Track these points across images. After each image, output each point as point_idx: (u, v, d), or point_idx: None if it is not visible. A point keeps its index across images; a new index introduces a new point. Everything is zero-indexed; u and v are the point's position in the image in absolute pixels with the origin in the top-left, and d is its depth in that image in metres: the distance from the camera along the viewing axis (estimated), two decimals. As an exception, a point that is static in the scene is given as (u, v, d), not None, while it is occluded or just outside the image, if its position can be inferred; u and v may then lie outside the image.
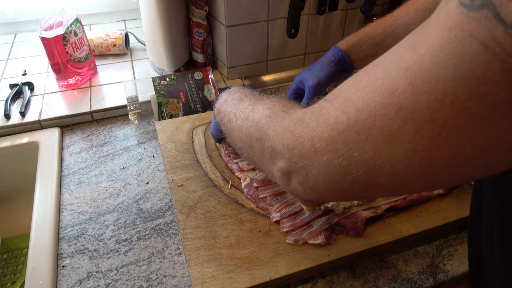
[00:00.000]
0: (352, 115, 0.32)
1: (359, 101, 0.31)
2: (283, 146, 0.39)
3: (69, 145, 0.78)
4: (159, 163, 0.74)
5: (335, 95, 0.35)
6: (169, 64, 0.91)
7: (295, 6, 0.82)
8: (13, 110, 0.82)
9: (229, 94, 0.57)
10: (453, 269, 0.58)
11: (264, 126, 0.43)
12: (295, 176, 0.39)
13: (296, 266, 0.53)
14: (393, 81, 0.29)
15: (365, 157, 0.31)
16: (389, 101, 0.29)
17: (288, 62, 0.96)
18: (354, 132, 0.31)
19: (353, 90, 0.33)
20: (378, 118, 0.30)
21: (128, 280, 0.56)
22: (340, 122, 0.33)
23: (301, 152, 0.36)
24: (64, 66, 0.86)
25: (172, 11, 0.83)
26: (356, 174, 0.33)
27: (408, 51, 0.29)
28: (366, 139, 0.31)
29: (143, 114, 0.83)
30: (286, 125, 0.39)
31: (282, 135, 0.39)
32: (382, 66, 0.31)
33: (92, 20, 1.17)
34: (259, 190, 0.63)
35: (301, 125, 0.37)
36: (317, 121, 0.35)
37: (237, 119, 0.50)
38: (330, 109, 0.34)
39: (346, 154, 0.32)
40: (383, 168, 0.31)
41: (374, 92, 0.30)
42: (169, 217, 0.64)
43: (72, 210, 0.66)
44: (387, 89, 0.29)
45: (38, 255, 0.58)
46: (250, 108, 0.48)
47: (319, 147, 0.34)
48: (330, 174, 0.34)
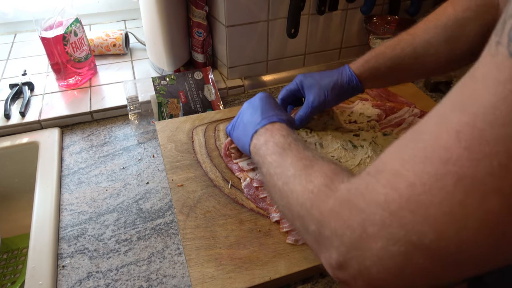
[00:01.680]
0: (403, 191, 0.28)
1: (409, 174, 0.28)
2: (331, 232, 0.34)
3: (69, 145, 0.78)
4: (159, 163, 0.74)
5: (379, 169, 0.31)
6: (169, 64, 0.91)
7: (295, 6, 0.82)
8: (13, 110, 0.82)
9: (270, 134, 0.52)
10: (453, 269, 0.57)
11: (307, 203, 0.38)
12: (346, 269, 0.33)
13: (296, 266, 0.53)
14: (445, 146, 0.26)
15: (425, 241, 0.27)
16: (444, 171, 0.25)
17: (288, 62, 0.96)
18: (408, 212, 0.27)
19: (399, 161, 0.29)
20: (434, 193, 0.26)
21: (128, 280, 0.56)
22: (391, 200, 0.29)
23: (351, 239, 0.32)
24: (64, 66, 0.86)
25: (172, 11, 0.83)
26: (417, 261, 0.28)
27: (456, 112, 0.26)
28: (423, 220, 0.27)
29: (143, 114, 0.83)
30: (332, 206, 0.35)
31: (329, 219, 0.35)
32: (428, 131, 0.28)
33: (92, 20, 1.17)
34: (259, 190, 0.63)
35: (348, 206, 0.33)
36: (365, 200, 0.31)
37: (278, 178, 0.45)
38: (376, 185, 0.30)
39: (403, 239, 0.28)
40: (448, 252, 0.26)
41: (425, 161, 0.27)
42: (169, 217, 0.64)
43: (72, 210, 0.66)
44: (440, 157, 0.26)
45: (38, 255, 0.58)
46: (292, 173, 0.43)
47: (371, 232, 0.30)
48: (386, 265, 0.29)
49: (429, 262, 0.28)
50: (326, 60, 1.00)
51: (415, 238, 0.27)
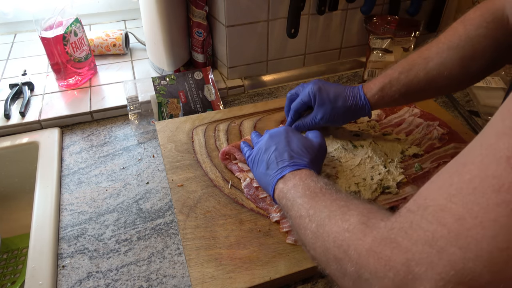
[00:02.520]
0: (452, 226, 0.26)
1: (457, 207, 0.26)
2: (370, 274, 0.31)
3: (69, 145, 0.78)
4: (159, 163, 0.74)
5: (422, 205, 0.29)
6: (169, 64, 0.91)
7: (295, 6, 0.82)
8: (13, 110, 0.82)
9: (300, 179, 0.50)
10: (453, 269, 0.57)
11: (344, 244, 0.36)
12: None
13: (296, 266, 0.53)
14: (494, 174, 0.24)
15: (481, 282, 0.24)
16: (496, 201, 0.24)
17: (288, 62, 0.96)
18: (458, 248, 0.25)
19: (445, 195, 0.27)
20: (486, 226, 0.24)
21: (128, 280, 0.56)
22: (439, 237, 0.27)
23: (394, 281, 0.29)
24: (64, 66, 0.86)
25: (172, 11, 0.83)
26: None
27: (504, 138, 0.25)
28: (476, 257, 0.24)
29: (143, 114, 0.83)
30: (370, 245, 0.32)
31: (367, 259, 0.32)
32: (473, 162, 0.26)
33: (92, 20, 1.17)
34: (259, 190, 0.63)
35: (389, 245, 0.30)
36: (410, 239, 0.29)
37: (310, 221, 0.43)
38: (422, 222, 0.28)
39: (453, 279, 0.25)
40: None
41: (474, 193, 0.25)
42: (169, 217, 0.64)
43: (72, 210, 0.66)
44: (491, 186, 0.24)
45: (38, 255, 0.58)
46: (326, 214, 0.41)
47: (417, 272, 0.27)
48: None
49: None
50: (326, 60, 1.00)
51: (469, 279, 0.25)
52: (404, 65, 0.61)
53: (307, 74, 0.98)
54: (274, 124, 0.77)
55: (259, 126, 0.77)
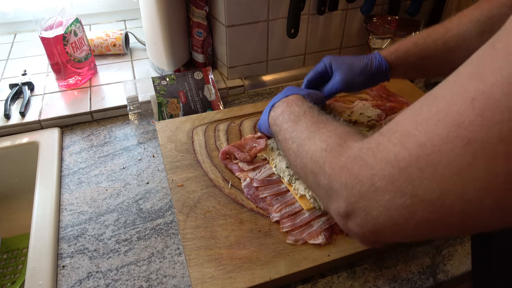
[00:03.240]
0: (413, 150, 0.30)
1: (420, 135, 0.29)
2: (340, 185, 0.37)
3: (69, 145, 0.78)
4: (159, 163, 0.74)
5: (392, 129, 0.33)
6: (169, 64, 0.91)
7: (295, 6, 0.82)
8: (13, 110, 0.82)
9: (287, 105, 0.55)
10: (453, 269, 0.58)
11: (320, 161, 0.41)
12: (353, 218, 0.36)
13: (296, 266, 0.53)
14: (458, 112, 0.27)
15: (431, 197, 0.29)
16: (455, 134, 0.27)
17: (288, 62, 0.96)
18: (417, 169, 0.29)
19: (412, 123, 0.31)
20: (443, 154, 0.27)
21: (128, 280, 0.56)
22: (401, 158, 0.30)
23: (360, 191, 0.34)
24: (64, 66, 0.86)
25: (172, 11, 0.83)
26: (422, 215, 0.30)
27: (473, 81, 0.27)
28: (431, 177, 0.28)
29: (143, 114, 0.83)
30: (343, 162, 0.37)
31: (340, 173, 0.37)
32: (443, 97, 0.29)
33: (92, 20, 1.17)
34: (259, 190, 0.63)
35: (359, 163, 0.35)
36: (375, 158, 0.33)
37: (292, 142, 0.48)
38: (388, 144, 0.32)
39: (409, 193, 0.30)
40: (452, 209, 0.28)
41: (437, 124, 0.28)
42: (169, 217, 0.64)
43: (72, 210, 0.66)
44: (453, 121, 0.27)
45: (38, 255, 0.58)
46: (306, 135, 0.46)
47: (379, 186, 0.32)
48: (392, 216, 0.32)
49: (433, 216, 0.29)
50: (326, 60, 1.00)
51: (422, 193, 0.29)
52: (424, 33, 0.62)
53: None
54: (274, 124, 0.77)
55: (259, 126, 0.77)
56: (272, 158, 0.67)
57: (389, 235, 0.35)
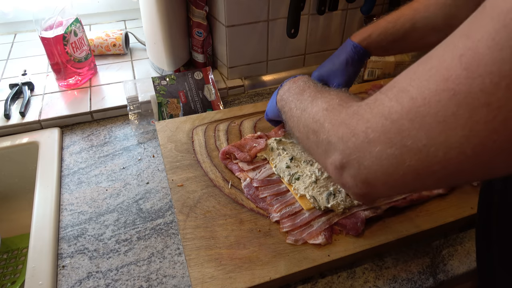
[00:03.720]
0: (406, 104, 0.32)
1: (413, 90, 0.32)
2: (338, 139, 0.39)
3: (69, 145, 0.78)
4: (159, 163, 0.74)
5: (390, 86, 0.35)
6: (169, 64, 0.91)
7: (295, 6, 0.82)
8: (13, 110, 0.82)
9: (293, 82, 0.58)
10: (453, 269, 0.58)
11: (321, 119, 0.44)
12: (347, 169, 0.39)
13: (296, 266, 0.53)
14: (447, 67, 0.29)
15: (418, 145, 0.31)
16: (443, 87, 0.29)
17: (288, 62, 0.96)
18: (407, 120, 0.32)
19: (407, 80, 0.33)
20: (432, 105, 0.30)
21: (128, 280, 0.56)
22: (394, 111, 0.33)
23: (355, 144, 0.37)
24: (64, 66, 0.86)
25: (172, 11, 0.83)
26: (409, 163, 0.32)
27: (462, 38, 0.29)
28: (419, 127, 0.31)
29: (143, 114, 0.83)
30: (342, 118, 0.40)
31: (338, 128, 0.40)
32: (436, 56, 0.31)
33: (92, 20, 1.17)
34: (259, 190, 0.63)
35: (356, 118, 0.37)
36: (372, 112, 0.36)
37: (297, 109, 0.51)
38: (384, 100, 0.35)
39: (399, 143, 0.32)
40: (436, 155, 0.30)
41: (428, 80, 0.30)
42: (169, 217, 0.64)
43: (72, 210, 0.66)
44: (442, 76, 0.29)
45: (38, 255, 0.58)
46: (309, 100, 0.49)
47: (372, 137, 0.35)
48: (383, 165, 0.35)
49: (419, 164, 0.32)
50: (326, 60, 1.00)
51: (410, 143, 0.32)
52: (393, 15, 0.64)
53: (307, 74, 0.98)
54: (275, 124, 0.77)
55: (259, 126, 0.77)
56: (272, 158, 0.67)
57: (380, 185, 0.37)
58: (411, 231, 0.58)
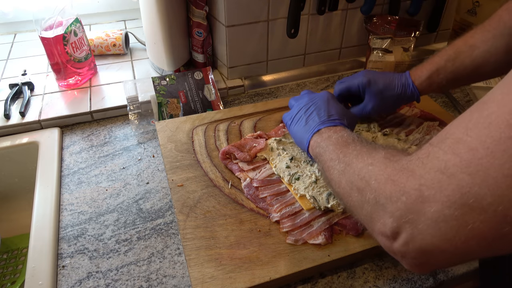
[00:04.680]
0: (464, 156, 0.28)
1: (472, 140, 0.28)
2: (385, 199, 0.35)
3: (69, 145, 0.78)
4: (159, 163, 0.74)
5: (442, 138, 0.32)
6: (169, 64, 0.91)
7: (295, 6, 0.82)
8: (13, 110, 0.82)
9: (334, 131, 0.54)
10: (453, 269, 0.58)
11: (366, 176, 0.39)
12: (398, 236, 0.34)
13: (296, 266, 0.53)
14: (511, 111, 0.26)
15: (482, 204, 0.27)
16: (509, 134, 0.26)
17: (288, 62, 0.96)
18: (467, 175, 0.28)
19: (462, 130, 0.30)
20: (496, 156, 0.26)
21: (128, 280, 0.56)
22: (451, 165, 0.29)
23: (405, 204, 0.32)
24: (64, 66, 0.86)
25: (172, 11, 0.83)
26: (473, 225, 0.28)
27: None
28: (482, 182, 0.27)
29: (143, 114, 0.83)
30: (389, 174, 0.36)
31: (385, 186, 0.35)
32: (493, 100, 0.29)
33: (92, 20, 1.17)
34: (259, 190, 0.63)
35: (406, 174, 0.33)
36: (425, 167, 0.32)
37: (339, 162, 0.46)
38: (438, 153, 0.31)
39: (458, 202, 0.28)
40: (506, 215, 0.27)
41: (489, 127, 0.27)
42: (169, 217, 0.64)
43: (72, 210, 0.66)
44: (505, 121, 0.26)
45: (38, 255, 0.58)
46: (355, 154, 0.44)
47: (427, 196, 0.30)
48: (440, 229, 0.30)
49: (485, 226, 0.28)
50: (326, 60, 1.00)
51: (472, 201, 0.27)
52: (450, 53, 0.62)
53: (307, 74, 0.98)
54: (275, 124, 0.77)
55: (259, 126, 0.77)
56: (272, 158, 0.67)
57: (438, 254, 0.32)
58: (411, 231, 0.58)
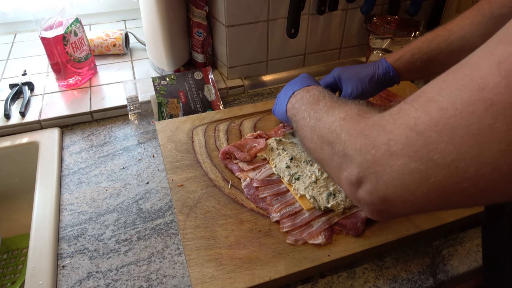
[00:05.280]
0: (434, 114, 0.29)
1: (443, 100, 0.29)
2: (355, 151, 0.36)
3: (69, 145, 0.78)
4: (159, 163, 0.74)
5: (417, 96, 0.33)
6: (169, 64, 0.91)
7: (295, 6, 0.82)
8: (13, 110, 0.82)
9: (307, 91, 0.56)
10: (453, 269, 0.58)
11: (337, 129, 0.40)
12: (364, 184, 0.36)
13: (296, 266, 0.53)
14: (483, 76, 0.27)
15: (446, 160, 0.28)
16: (478, 97, 0.26)
17: (288, 62, 0.96)
18: (435, 132, 0.29)
19: (436, 89, 0.31)
20: (464, 116, 0.27)
21: (128, 280, 0.56)
22: (421, 122, 0.30)
23: (374, 156, 0.34)
24: (64, 66, 0.86)
25: (172, 11, 0.83)
26: (435, 179, 0.29)
27: (501, 45, 0.27)
28: (449, 140, 0.28)
29: (143, 114, 0.83)
30: (361, 129, 0.37)
31: (356, 139, 0.37)
32: (469, 63, 0.29)
33: (92, 20, 1.17)
34: (259, 190, 0.63)
35: (377, 129, 0.35)
36: (395, 123, 0.33)
37: (310, 118, 0.48)
38: (410, 110, 0.32)
39: (424, 157, 0.30)
40: (467, 171, 0.28)
41: (461, 89, 0.28)
42: (169, 217, 0.64)
43: (72, 210, 0.66)
44: (477, 85, 0.27)
45: (38, 255, 0.58)
46: (325, 110, 0.46)
47: (395, 150, 0.32)
48: (404, 180, 0.31)
49: (446, 180, 0.29)
50: (326, 60, 1.00)
51: (437, 157, 0.29)
52: (428, 37, 0.63)
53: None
54: (275, 124, 0.77)
55: (259, 126, 0.77)
56: (272, 158, 0.67)
57: (399, 203, 0.33)
58: (411, 231, 0.58)
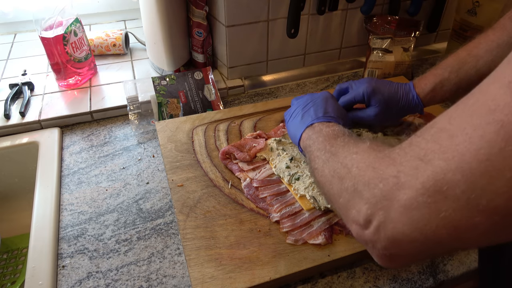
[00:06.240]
0: (444, 143, 0.28)
1: (453, 128, 0.28)
2: (363, 185, 0.34)
3: (69, 145, 0.78)
4: (159, 163, 0.74)
5: (428, 127, 0.31)
6: (169, 64, 0.91)
7: (295, 6, 0.82)
8: (13, 110, 0.82)
9: (327, 126, 0.54)
10: (453, 269, 0.58)
11: (349, 164, 0.39)
12: (371, 224, 0.33)
13: (296, 266, 0.53)
14: (494, 98, 0.25)
15: (456, 191, 0.26)
16: (488, 120, 0.25)
17: (288, 62, 0.96)
18: (443, 161, 0.27)
19: (447, 119, 0.29)
20: (473, 141, 0.25)
21: (128, 280, 0.56)
22: (430, 152, 0.28)
23: (382, 191, 0.32)
24: (64, 66, 0.86)
25: (172, 11, 0.83)
26: (445, 214, 0.27)
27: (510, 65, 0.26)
28: (456, 168, 0.26)
29: (143, 114, 0.83)
30: (371, 161, 0.35)
31: (365, 172, 0.35)
32: (480, 89, 0.28)
33: (92, 20, 1.17)
34: (259, 190, 0.63)
35: (387, 161, 0.33)
36: (406, 155, 0.31)
37: (326, 152, 0.46)
38: (421, 142, 0.30)
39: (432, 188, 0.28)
40: (479, 204, 0.25)
41: (472, 115, 0.26)
42: (169, 217, 0.64)
43: (72, 210, 0.66)
44: (487, 107, 0.25)
45: (38, 255, 0.58)
46: (341, 145, 0.44)
47: (403, 182, 0.30)
48: (412, 216, 0.29)
49: (457, 215, 0.26)
50: (326, 60, 1.00)
51: (446, 188, 0.27)
52: (454, 64, 0.61)
53: (307, 74, 0.98)
54: (275, 124, 0.77)
55: (259, 126, 0.77)
56: (272, 158, 0.67)
57: (407, 244, 0.31)
58: (411, 231, 0.58)
